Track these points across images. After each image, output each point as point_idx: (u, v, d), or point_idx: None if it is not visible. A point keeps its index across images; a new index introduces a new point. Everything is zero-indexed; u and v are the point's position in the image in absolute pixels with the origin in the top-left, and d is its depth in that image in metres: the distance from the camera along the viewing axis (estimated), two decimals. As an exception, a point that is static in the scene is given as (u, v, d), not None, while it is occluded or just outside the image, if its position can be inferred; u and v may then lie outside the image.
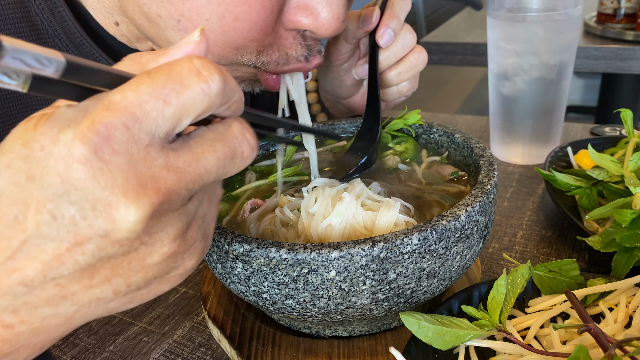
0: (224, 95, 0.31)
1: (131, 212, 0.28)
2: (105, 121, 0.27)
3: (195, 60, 0.30)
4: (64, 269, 0.29)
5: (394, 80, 0.71)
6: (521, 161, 0.90)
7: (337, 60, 0.74)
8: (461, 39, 1.82)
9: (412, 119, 0.64)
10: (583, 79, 3.39)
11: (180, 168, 0.30)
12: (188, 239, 0.33)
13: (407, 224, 0.48)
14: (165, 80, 0.29)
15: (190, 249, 0.33)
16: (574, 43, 0.82)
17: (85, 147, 0.27)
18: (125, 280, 0.31)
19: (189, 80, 0.29)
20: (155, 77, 0.29)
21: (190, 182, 0.30)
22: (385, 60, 0.69)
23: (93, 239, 0.28)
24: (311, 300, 0.43)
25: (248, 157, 0.33)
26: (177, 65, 0.29)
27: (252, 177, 0.61)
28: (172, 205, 0.30)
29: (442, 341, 0.43)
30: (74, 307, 0.31)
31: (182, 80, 0.29)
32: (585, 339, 0.43)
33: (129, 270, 0.31)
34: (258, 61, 0.58)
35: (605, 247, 0.56)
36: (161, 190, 0.29)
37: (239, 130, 0.33)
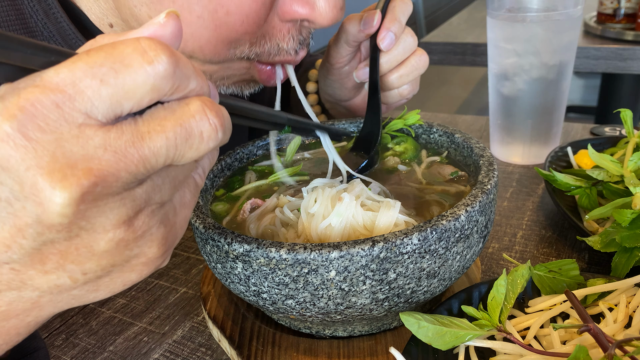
0: (173, 78, 0.28)
1: (57, 194, 0.26)
2: (32, 97, 0.26)
3: (143, 41, 0.27)
4: (12, 253, 0.28)
5: (395, 83, 0.71)
6: (521, 161, 0.90)
7: (338, 63, 0.74)
8: (461, 39, 1.82)
9: (412, 119, 0.64)
10: (583, 79, 3.40)
11: (121, 148, 0.27)
12: (138, 226, 0.30)
13: (407, 224, 0.48)
14: (105, 59, 0.27)
15: (145, 236, 0.31)
16: (574, 43, 0.82)
17: (9, 124, 0.25)
18: (79, 267, 0.30)
19: (131, 60, 0.27)
20: (94, 55, 0.27)
21: (132, 165, 0.28)
22: (387, 63, 0.69)
23: (30, 223, 0.27)
24: (311, 300, 0.43)
25: (211, 139, 0.30)
26: (121, 45, 0.27)
27: (252, 177, 0.61)
28: (110, 189, 0.28)
29: (442, 341, 0.43)
30: (36, 292, 0.31)
31: (124, 60, 0.27)
32: (585, 339, 0.43)
33: (79, 257, 0.29)
34: (251, 53, 0.58)
35: (605, 247, 0.56)
36: (94, 171, 0.27)
37: (198, 108, 0.30)
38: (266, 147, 0.66)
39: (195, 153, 0.30)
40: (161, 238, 0.32)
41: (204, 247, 0.48)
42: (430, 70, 2.47)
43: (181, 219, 0.34)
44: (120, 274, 0.32)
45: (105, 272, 0.31)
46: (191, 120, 0.29)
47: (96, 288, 0.32)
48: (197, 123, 0.30)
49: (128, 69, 0.27)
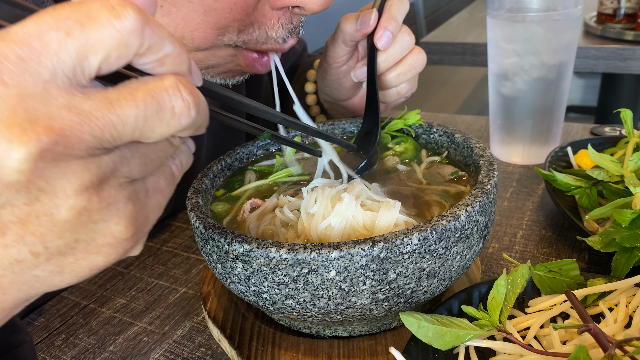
0: (141, 35, 0.27)
1: (14, 148, 0.25)
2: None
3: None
4: None
5: (393, 82, 0.71)
6: (521, 161, 0.90)
7: (336, 63, 0.74)
8: (461, 39, 1.82)
9: (412, 119, 0.64)
10: (583, 79, 3.40)
11: (86, 111, 0.27)
12: (103, 196, 0.29)
13: (407, 224, 0.48)
14: (70, 12, 0.26)
15: (110, 208, 0.29)
16: (574, 43, 0.82)
17: None
18: (39, 239, 0.28)
19: (98, 14, 0.26)
20: (60, 9, 0.26)
21: (97, 129, 0.27)
22: (384, 62, 0.69)
23: None
24: (311, 300, 0.43)
25: (183, 115, 0.29)
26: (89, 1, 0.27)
27: (252, 177, 0.61)
28: (72, 151, 0.27)
29: (442, 341, 0.43)
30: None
31: (90, 14, 0.26)
32: (585, 339, 0.43)
33: (40, 227, 0.28)
34: (239, 40, 0.59)
35: (605, 247, 0.56)
36: (54, 129, 0.26)
37: (171, 83, 0.29)
38: (266, 147, 0.66)
39: (166, 129, 0.29)
40: (129, 216, 0.30)
41: (204, 247, 0.48)
42: (430, 70, 2.46)
43: (153, 202, 0.33)
44: (85, 254, 0.30)
45: (69, 249, 0.29)
46: (163, 94, 0.29)
47: (60, 270, 0.30)
48: (169, 97, 0.29)
49: (94, 22, 0.26)
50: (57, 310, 0.65)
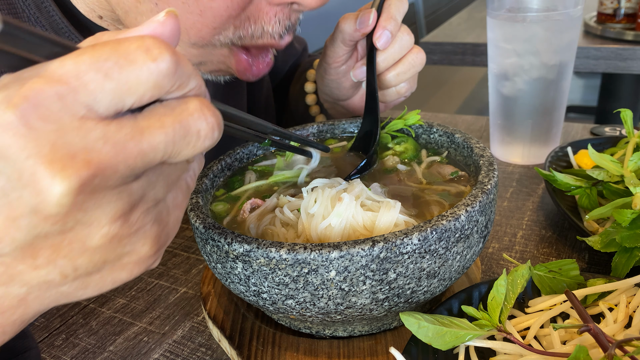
0: (174, 76, 0.29)
1: (56, 184, 0.26)
2: (36, 87, 0.26)
3: (147, 39, 0.28)
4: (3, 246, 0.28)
5: (392, 81, 0.71)
6: (521, 161, 0.90)
7: (335, 63, 0.74)
8: (461, 39, 1.82)
9: (412, 119, 0.64)
10: (583, 79, 3.40)
11: (120, 142, 0.27)
12: (132, 222, 0.30)
13: (407, 224, 0.48)
14: (110, 54, 0.27)
15: (138, 233, 0.31)
16: (574, 43, 0.82)
17: (11, 112, 0.25)
18: (70, 262, 0.29)
19: (136, 56, 0.27)
20: (99, 49, 0.27)
21: (130, 158, 0.28)
22: (383, 62, 0.69)
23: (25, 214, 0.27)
24: (311, 300, 0.43)
25: (207, 137, 0.31)
26: (126, 41, 0.27)
27: (252, 177, 0.61)
28: (108, 182, 0.28)
29: (442, 341, 0.43)
30: (24, 288, 0.30)
31: (128, 56, 0.27)
32: (585, 339, 0.43)
33: (71, 252, 0.29)
34: (235, 36, 0.58)
35: (605, 247, 0.56)
36: (93, 163, 0.26)
37: (196, 107, 0.30)
38: (266, 147, 0.66)
39: (191, 151, 0.30)
40: (154, 236, 0.32)
41: (204, 247, 0.48)
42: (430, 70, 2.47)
43: (173, 219, 0.34)
44: (111, 271, 0.32)
45: (97, 269, 0.31)
46: (189, 118, 0.30)
47: (85, 285, 0.32)
48: (195, 121, 0.30)
49: (132, 65, 0.27)
50: (57, 310, 0.65)
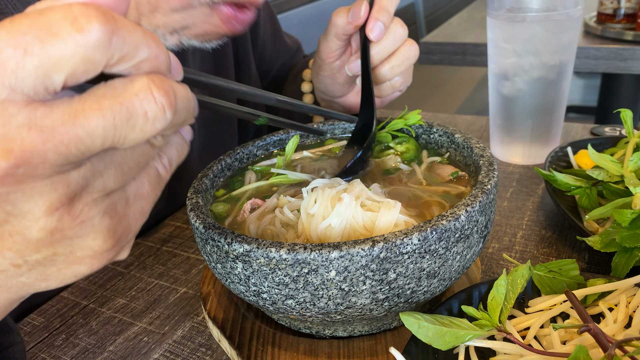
0: (109, 48, 0.25)
1: None
2: None
3: (75, 7, 0.25)
4: None
5: (387, 74, 0.70)
6: (521, 161, 0.90)
7: (329, 58, 0.74)
8: (461, 39, 1.82)
9: (413, 119, 0.64)
10: (583, 79, 3.39)
11: (48, 127, 0.25)
12: (75, 214, 0.28)
13: (407, 224, 0.48)
14: (29, 27, 0.24)
15: (84, 226, 0.28)
16: (574, 43, 0.82)
17: None
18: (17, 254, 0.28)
19: (60, 28, 0.24)
20: (17, 22, 0.24)
21: (61, 145, 0.25)
22: (377, 54, 0.69)
23: None
24: (311, 300, 0.43)
25: (156, 119, 0.27)
26: (49, 11, 0.24)
27: (253, 177, 0.61)
28: (36, 171, 0.25)
29: (442, 341, 0.43)
30: None
31: (51, 28, 0.24)
32: (585, 339, 0.43)
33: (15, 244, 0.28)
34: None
35: (605, 247, 0.56)
36: (14, 152, 0.24)
37: (142, 85, 0.27)
38: (266, 147, 0.66)
39: (139, 135, 0.27)
40: (106, 230, 0.29)
41: (204, 247, 0.48)
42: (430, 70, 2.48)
43: (135, 211, 0.31)
44: (67, 264, 0.30)
45: (50, 261, 0.29)
46: (134, 99, 0.26)
47: (44, 277, 0.30)
48: (140, 102, 0.27)
49: (55, 37, 0.24)
50: (57, 310, 0.65)
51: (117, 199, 0.30)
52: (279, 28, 1.05)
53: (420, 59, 1.87)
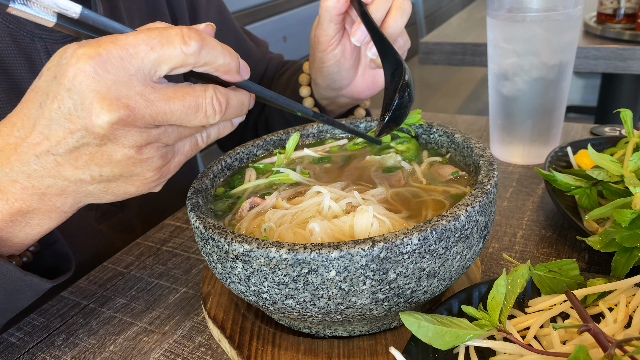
0: (199, 55, 0.42)
1: (103, 114, 0.40)
2: (107, 48, 0.40)
3: (185, 29, 0.41)
4: (59, 147, 0.42)
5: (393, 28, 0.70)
6: (521, 161, 0.90)
7: (330, 46, 0.74)
8: (461, 39, 1.82)
9: (413, 118, 0.64)
10: (583, 79, 3.40)
11: (151, 100, 0.41)
12: (144, 152, 0.44)
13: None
14: (157, 35, 0.41)
15: (147, 161, 0.45)
16: (573, 43, 0.82)
17: (88, 62, 0.39)
18: (98, 168, 0.44)
19: (174, 39, 0.41)
20: (152, 31, 0.41)
21: (154, 113, 0.42)
22: (376, 12, 0.68)
23: (79, 128, 0.41)
24: (311, 300, 0.43)
25: (210, 116, 0.44)
26: (170, 28, 0.42)
27: (253, 175, 0.61)
28: (136, 123, 0.41)
29: (442, 341, 0.43)
30: (65, 182, 0.44)
31: (169, 38, 0.41)
32: (585, 338, 0.43)
33: (101, 161, 0.43)
34: None
35: (605, 247, 0.56)
36: (129, 107, 0.40)
37: (211, 94, 0.44)
38: (266, 147, 0.66)
39: (198, 122, 0.44)
40: (158, 167, 0.46)
41: (204, 247, 0.48)
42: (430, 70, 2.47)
43: (176, 161, 0.48)
44: (124, 184, 0.46)
45: (114, 178, 0.45)
46: (203, 102, 0.44)
47: (105, 190, 0.46)
48: (205, 105, 0.44)
49: (170, 44, 0.41)
50: (57, 310, 0.65)
51: (170, 150, 0.47)
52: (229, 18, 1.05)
53: (420, 59, 1.87)
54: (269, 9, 1.89)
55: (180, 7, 0.95)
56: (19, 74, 0.70)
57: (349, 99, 0.84)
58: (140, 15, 0.88)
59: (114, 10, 0.82)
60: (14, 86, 0.69)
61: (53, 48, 0.72)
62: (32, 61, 0.70)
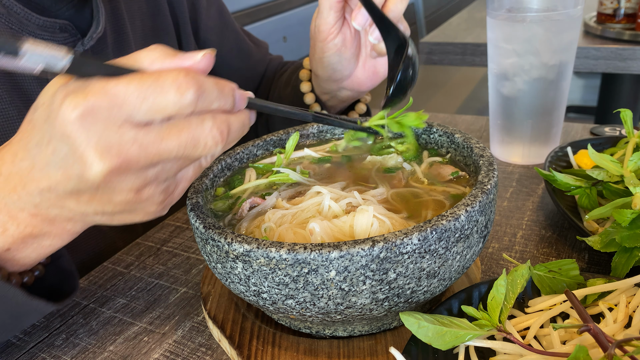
0: (196, 104, 0.39)
1: (95, 164, 0.38)
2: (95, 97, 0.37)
3: (181, 76, 0.38)
4: (59, 189, 0.41)
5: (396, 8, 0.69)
6: (521, 161, 0.90)
7: (330, 34, 0.74)
8: (461, 39, 1.82)
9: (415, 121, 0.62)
10: (583, 79, 3.40)
11: (144, 144, 0.39)
12: (143, 194, 0.43)
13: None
14: (151, 84, 0.38)
15: (148, 200, 0.43)
16: (573, 43, 0.82)
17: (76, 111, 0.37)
18: (100, 206, 0.43)
19: (169, 89, 0.38)
20: (145, 79, 0.38)
21: (149, 155, 0.39)
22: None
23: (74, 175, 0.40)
24: (311, 300, 0.43)
25: (211, 148, 0.41)
26: (165, 74, 0.38)
27: (253, 175, 0.61)
28: (130, 169, 0.39)
29: (442, 341, 0.43)
30: (71, 212, 0.44)
31: (163, 88, 0.38)
32: (585, 339, 0.43)
33: (101, 202, 0.42)
34: None
35: (605, 247, 0.56)
36: (122, 156, 0.38)
37: (210, 125, 0.40)
38: (266, 147, 0.66)
39: (199, 155, 0.41)
40: (160, 202, 0.45)
41: (204, 247, 0.48)
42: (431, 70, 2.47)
43: (180, 189, 0.46)
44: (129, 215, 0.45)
45: (118, 214, 0.44)
46: (201, 135, 0.40)
47: (111, 220, 0.46)
48: (205, 137, 0.40)
49: (164, 95, 0.38)
50: (57, 310, 0.65)
51: (171, 182, 0.45)
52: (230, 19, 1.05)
53: (421, 59, 1.87)
54: (269, 9, 1.89)
55: (181, 7, 0.95)
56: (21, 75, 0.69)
57: (350, 92, 0.83)
58: (141, 16, 0.88)
59: (115, 11, 0.82)
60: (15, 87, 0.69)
61: None
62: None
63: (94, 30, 0.75)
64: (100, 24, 0.76)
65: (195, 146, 0.40)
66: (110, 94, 0.37)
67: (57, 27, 0.71)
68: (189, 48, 0.98)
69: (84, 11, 0.76)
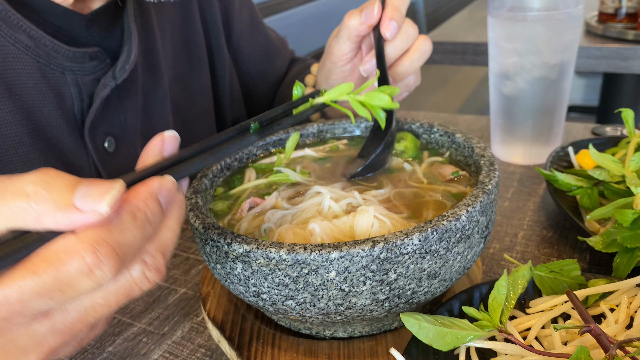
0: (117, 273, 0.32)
1: None
2: None
3: (88, 257, 0.30)
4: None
5: (408, 69, 0.70)
6: (522, 161, 0.90)
7: (341, 61, 0.74)
8: (462, 39, 1.82)
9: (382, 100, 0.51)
10: (584, 78, 3.39)
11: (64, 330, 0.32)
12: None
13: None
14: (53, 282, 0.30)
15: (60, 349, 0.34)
16: (575, 42, 0.82)
17: None
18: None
19: (78, 281, 0.30)
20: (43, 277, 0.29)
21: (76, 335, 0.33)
22: (393, 52, 0.69)
23: None
24: (311, 300, 0.43)
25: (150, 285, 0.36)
26: (66, 266, 0.30)
27: (252, 174, 0.61)
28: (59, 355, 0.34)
29: (442, 342, 0.42)
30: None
31: (70, 282, 0.30)
32: (587, 339, 0.43)
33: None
34: None
35: (606, 248, 0.56)
36: (44, 352, 0.32)
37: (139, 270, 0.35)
38: (266, 147, 0.66)
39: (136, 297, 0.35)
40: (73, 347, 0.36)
41: (203, 248, 0.48)
42: (431, 70, 2.47)
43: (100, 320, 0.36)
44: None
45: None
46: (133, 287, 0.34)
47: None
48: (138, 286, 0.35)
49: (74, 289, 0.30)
50: (56, 311, 0.65)
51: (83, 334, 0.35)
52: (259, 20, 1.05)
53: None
54: (269, 8, 1.88)
55: (213, 17, 0.93)
56: (47, 111, 0.67)
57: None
58: (171, 27, 0.86)
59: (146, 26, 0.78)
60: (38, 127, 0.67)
61: (83, 80, 0.69)
62: (62, 96, 0.68)
63: (125, 59, 0.71)
64: (132, 53, 0.71)
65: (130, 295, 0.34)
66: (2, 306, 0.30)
67: (87, 56, 0.69)
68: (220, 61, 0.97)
69: (114, 31, 0.73)
